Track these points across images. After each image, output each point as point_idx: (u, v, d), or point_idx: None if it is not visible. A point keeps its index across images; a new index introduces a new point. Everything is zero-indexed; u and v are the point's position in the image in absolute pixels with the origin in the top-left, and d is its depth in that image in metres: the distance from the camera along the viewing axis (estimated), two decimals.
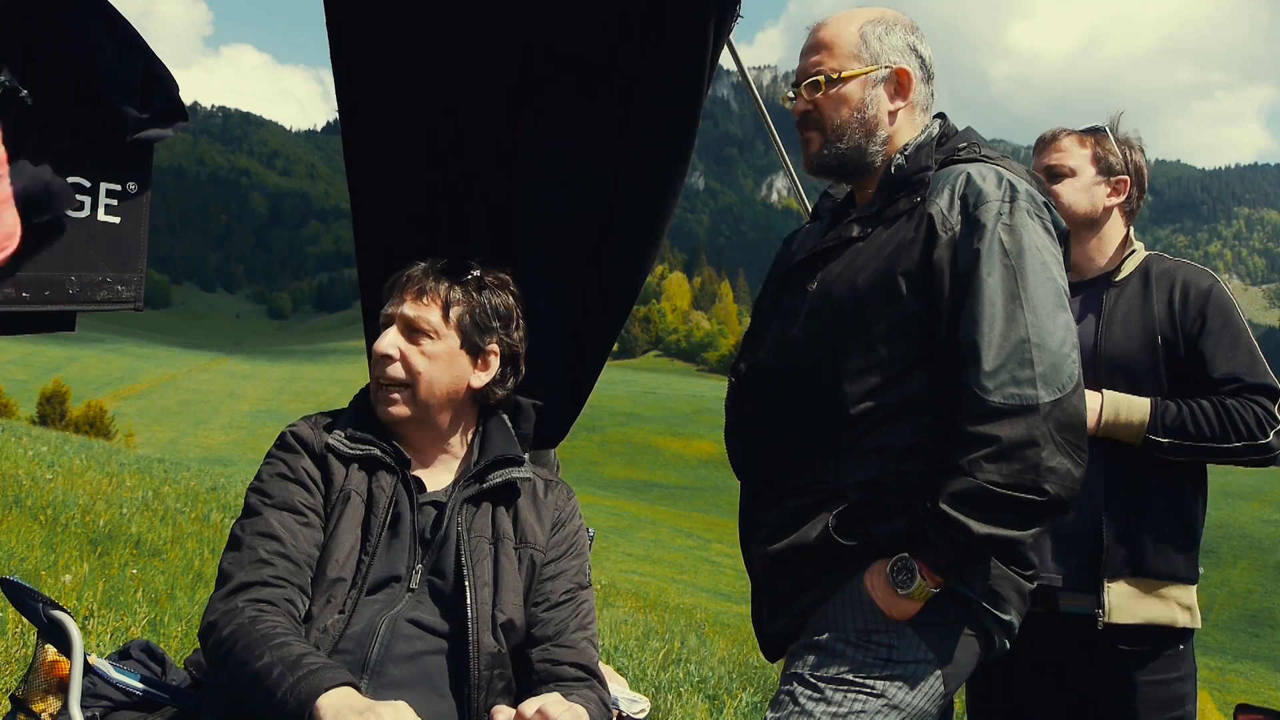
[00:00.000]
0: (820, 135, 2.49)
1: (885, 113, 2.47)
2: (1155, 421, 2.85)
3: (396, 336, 2.36)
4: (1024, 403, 2.14)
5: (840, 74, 2.44)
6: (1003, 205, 2.28)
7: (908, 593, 2.22)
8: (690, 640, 11.54)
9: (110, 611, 6.21)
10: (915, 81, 2.49)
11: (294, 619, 2.11)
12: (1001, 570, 2.29)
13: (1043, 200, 2.36)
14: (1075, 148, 3.14)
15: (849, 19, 2.50)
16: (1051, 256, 2.29)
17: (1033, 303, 2.20)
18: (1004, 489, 2.12)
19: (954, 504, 2.14)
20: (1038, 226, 2.30)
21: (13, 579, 2.24)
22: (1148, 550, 2.87)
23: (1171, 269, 3.07)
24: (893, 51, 2.48)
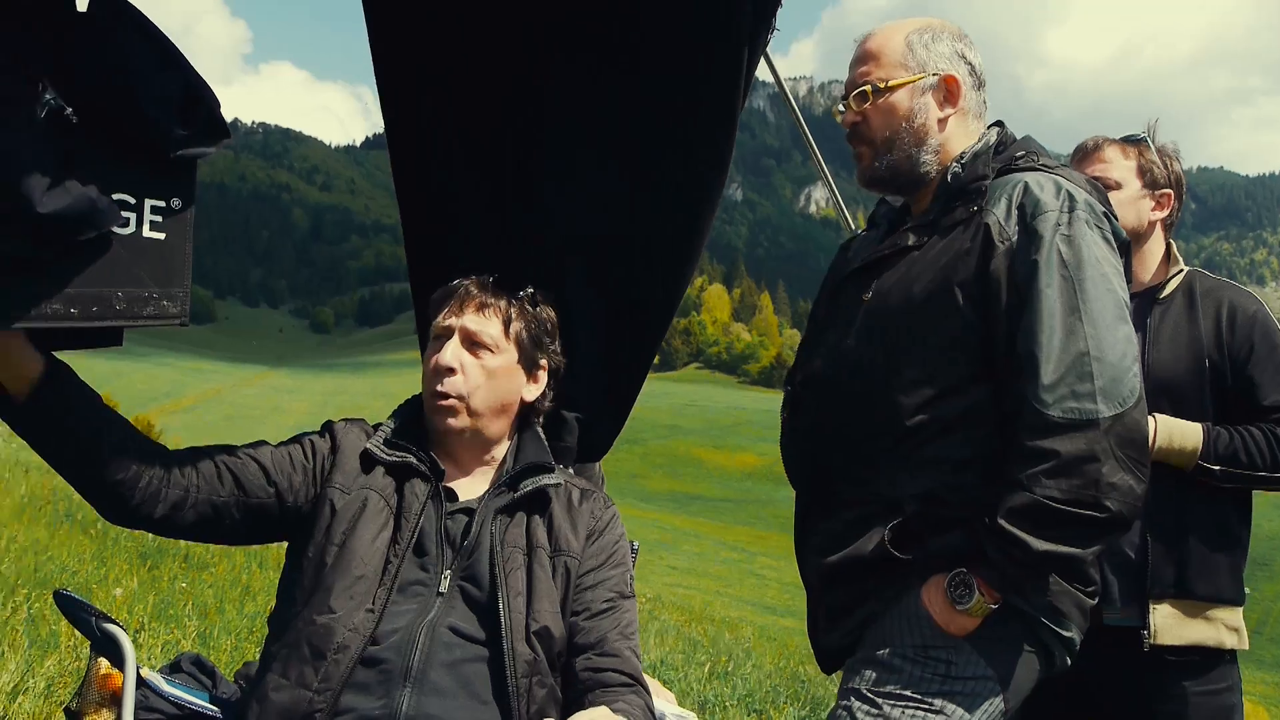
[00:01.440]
0: (870, 149, 2.49)
1: (935, 120, 2.46)
2: (1208, 449, 2.82)
3: (458, 349, 2.38)
4: (1084, 417, 2.11)
5: (887, 83, 2.43)
6: (1061, 215, 2.25)
7: (965, 608, 2.20)
8: (736, 654, 11.50)
9: (160, 624, 6.27)
10: (964, 88, 2.47)
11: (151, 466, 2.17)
12: (1062, 586, 2.25)
13: (1102, 210, 2.32)
14: (1120, 159, 3.09)
15: (895, 29, 2.49)
16: (1111, 268, 2.25)
17: (1092, 315, 2.17)
18: (1064, 505, 2.09)
19: (1013, 520, 2.11)
20: (1097, 237, 2.26)
21: (66, 592, 2.26)
22: (1193, 572, 2.85)
23: (1216, 289, 3.03)
24: (940, 59, 2.46)
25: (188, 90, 1.93)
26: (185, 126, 1.93)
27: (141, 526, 2.22)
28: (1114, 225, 2.34)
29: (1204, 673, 2.85)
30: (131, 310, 1.96)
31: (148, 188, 1.96)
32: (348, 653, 2.13)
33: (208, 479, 2.25)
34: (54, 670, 4.81)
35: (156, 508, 2.18)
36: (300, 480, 2.34)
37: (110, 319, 1.94)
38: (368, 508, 2.29)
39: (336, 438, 2.42)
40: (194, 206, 2.03)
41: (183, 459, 2.24)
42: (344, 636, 2.14)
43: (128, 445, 2.14)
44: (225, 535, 2.33)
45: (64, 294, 1.87)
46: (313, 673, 2.12)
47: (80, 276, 1.89)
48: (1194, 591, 2.83)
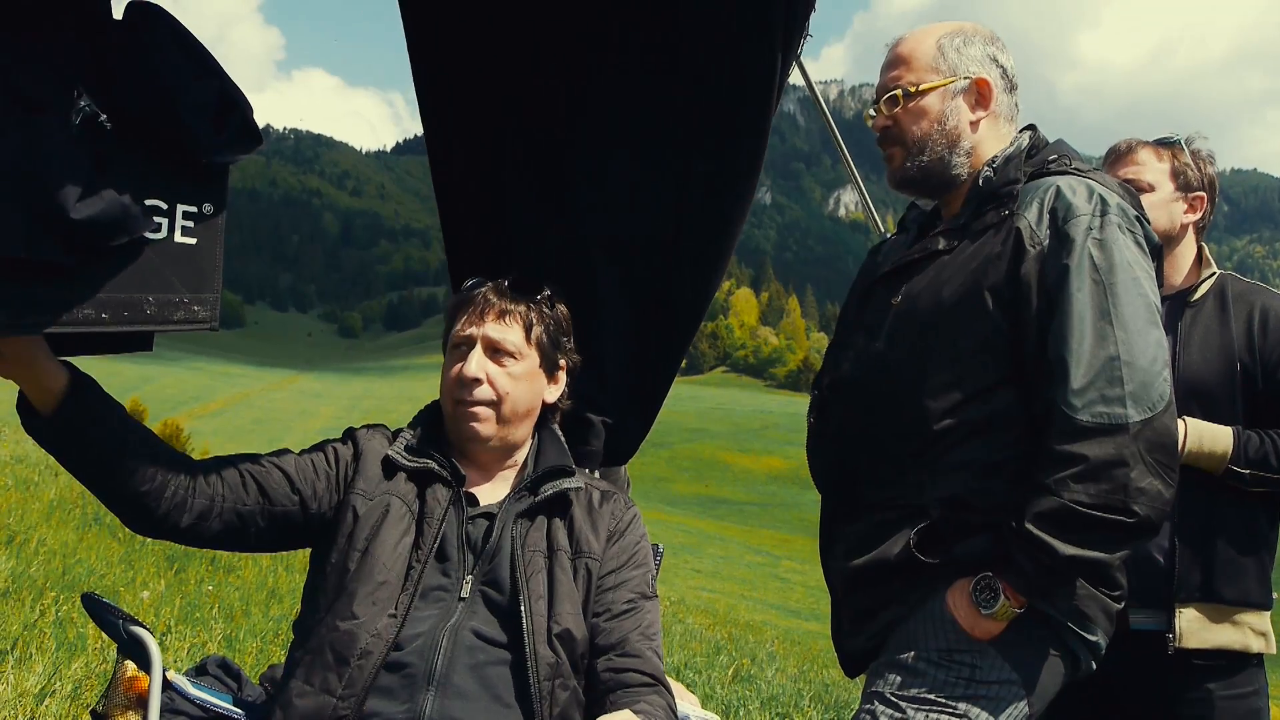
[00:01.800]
0: (902, 150, 2.48)
1: (967, 123, 2.45)
2: (1238, 452, 2.80)
3: (483, 359, 2.38)
4: (1113, 421, 2.10)
5: (918, 86, 2.43)
6: (1093, 220, 2.24)
7: (990, 613, 2.19)
8: (760, 657, 11.47)
9: (187, 627, 6.30)
10: (996, 91, 2.47)
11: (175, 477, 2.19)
12: (1088, 590, 2.24)
13: (1135, 215, 2.31)
14: (1153, 161, 3.07)
15: (927, 33, 2.49)
16: (1144, 272, 2.24)
17: (1123, 319, 2.16)
18: (1091, 509, 2.08)
19: (1040, 524, 2.11)
20: (1129, 241, 2.25)
21: (94, 595, 2.28)
22: (1220, 575, 2.83)
23: (1249, 292, 3.01)
24: (971, 62, 2.46)
25: (222, 97, 1.94)
26: (219, 133, 1.94)
27: (167, 536, 2.24)
28: (1146, 229, 2.32)
29: (1230, 676, 2.84)
30: (162, 315, 1.97)
31: (180, 193, 1.97)
32: (371, 658, 2.14)
33: (233, 488, 2.26)
34: (81, 673, 4.84)
35: (183, 517, 2.19)
36: (324, 487, 2.35)
37: (141, 324, 1.95)
38: (390, 514, 2.30)
39: (359, 444, 2.43)
40: (226, 212, 2.04)
41: (208, 468, 2.25)
42: (367, 642, 2.15)
43: (152, 456, 2.15)
44: (250, 543, 2.34)
45: (95, 299, 1.88)
46: (336, 679, 2.13)
47: (112, 281, 1.90)
48: (1221, 595, 2.82)
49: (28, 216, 1.75)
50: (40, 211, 1.76)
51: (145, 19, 1.92)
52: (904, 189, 2.55)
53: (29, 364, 1.99)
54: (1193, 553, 2.83)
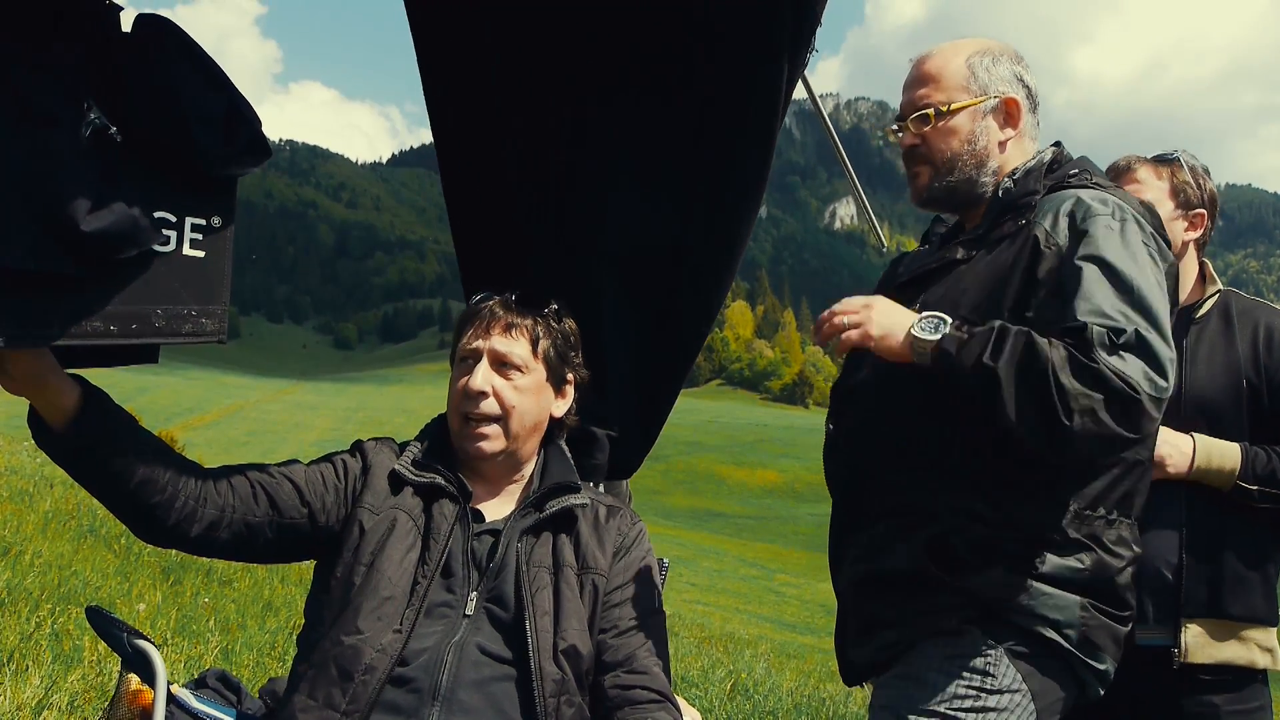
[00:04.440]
0: (930, 168, 2.48)
1: (995, 143, 2.46)
2: (1246, 469, 2.80)
3: (489, 372, 2.38)
4: (1128, 381, 2.03)
5: (949, 106, 2.43)
6: (1112, 221, 2.23)
7: (925, 334, 2.19)
8: (756, 671, 11.44)
9: (183, 639, 6.28)
10: (1023, 111, 2.47)
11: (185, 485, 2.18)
12: (1098, 620, 2.24)
13: (1152, 230, 2.30)
14: (1152, 179, 3.05)
15: (954, 51, 2.49)
16: (1157, 274, 2.21)
17: (1140, 305, 2.11)
18: (1063, 374, 2.03)
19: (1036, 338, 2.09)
20: (1148, 249, 2.23)
21: (98, 608, 2.27)
22: (1227, 591, 2.83)
23: (1253, 309, 3.01)
24: (1000, 81, 2.46)
25: (231, 110, 1.95)
26: (228, 145, 1.94)
27: (176, 546, 2.23)
28: (1162, 247, 2.31)
29: (1236, 692, 2.84)
30: (170, 328, 1.97)
31: (189, 206, 1.97)
32: (375, 674, 2.13)
33: (243, 499, 2.25)
34: (78, 685, 4.81)
35: (192, 528, 2.19)
36: (332, 500, 2.34)
37: (149, 336, 1.95)
38: (396, 528, 2.29)
39: (367, 457, 2.42)
40: (234, 225, 2.04)
41: (218, 479, 2.24)
42: (372, 658, 2.14)
43: (164, 467, 2.14)
44: (258, 554, 2.34)
45: (104, 311, 1.88)
46: (340, 694, 2.12)
47: (120, 294, 1.90)
48: (1228, 611, 2.82)
49: (38, 229, 1.75)
50: (50, 224, 1.76)
51: (154, 32, 1.92)
52: (928, 207, 2.56)
53: (41, 382, 1.99)
54: (1200, 568, 2.83)
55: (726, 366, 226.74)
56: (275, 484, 2.30)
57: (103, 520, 10.04)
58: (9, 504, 10.02)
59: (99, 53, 1.87)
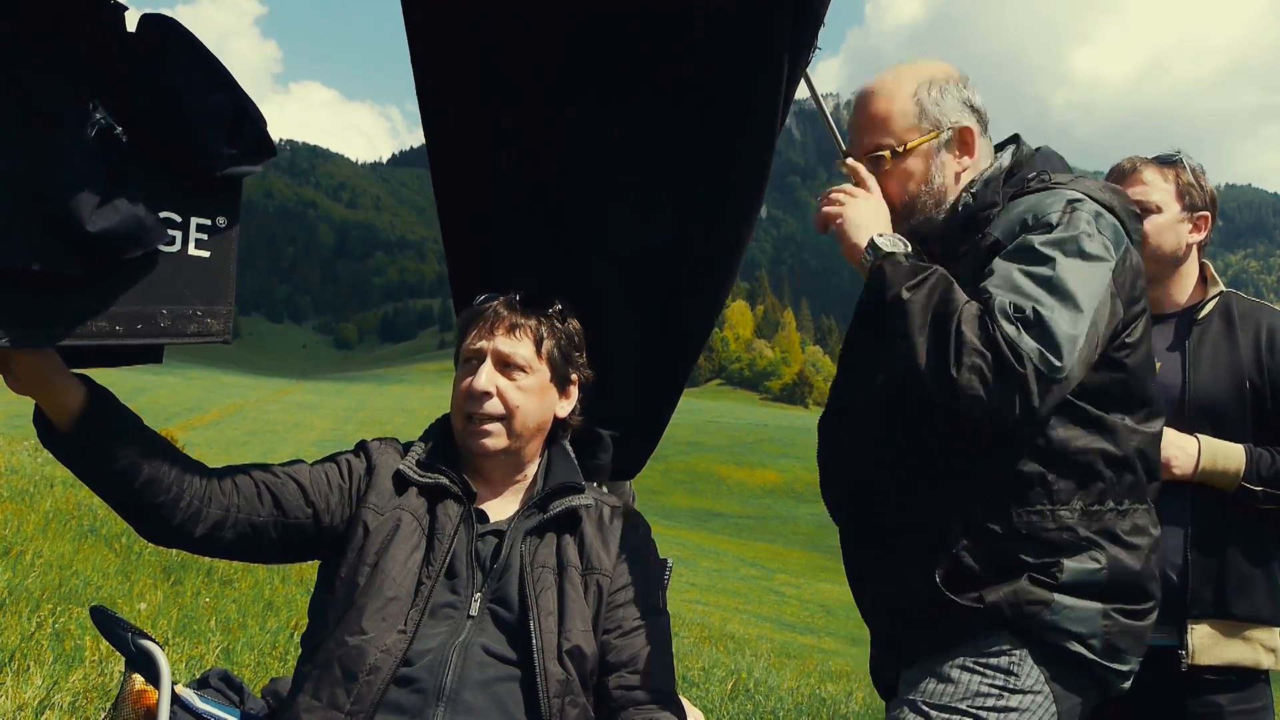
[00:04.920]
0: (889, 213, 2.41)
1: (952, 176, 2.40)
2: (1251, 470, 2.82)
3: (493, 373, 2.38)
4: (1018, 348, 2.03)
5: (904, 147, 2.37)
6: (1061, 216, 2.20)
7: (878, 245, 2.23)
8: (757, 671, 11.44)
9: (184, 639, 6.27)
10: (977, 136, 2.42)
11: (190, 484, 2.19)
12: (1120, 624, 2.24)
13: (1113, 220, 2.25)
14: (1159, 181, 3.04)
15: (900, 84, 2.42)
16: (1096, 264, 2.16)
17: (1056, 289, 2.09)
18: (961, 347, 2.05)
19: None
20: (1091, 242, 2.17)
21: (103, 608, 2.27)
22: (1232, 592, 2.84)
23: (1255, 311, 3.02)
24: (951, 112, 2.40)
25: (236, 110, 1.95)
26: (233, 145, 1.94)
27: (180, 546, 2.23)
28: (1117, 232, 2.25)
29: (1240, 692, 2.86)
30: (176, 328, 1.97)
31: (194, 206, 1.98)
32: (380, 674, 2.13)
33: (248, 499, 2.25)
34: (79, 686, 4.81)
35: (197, 528, 2.19)
36: (336, 500, 2.34)
37: (155, 336, 1.95)
38: (400, 529, 2.29)
39: (372, 458, 2.42)
40: (239, 225, 2.04)
41: (223, 478, 2.25)
42: (376, 658, 2.14)
43: (169, 467, 2.15)
44: (263, 554, 2.34)
45: (109, 311, 1.88)
46: (344, 694, 2.12)
47: (126, 294, 1.90)
48: (1232, 612, 2.83)
49: (43, 229, 1.75)
50: (55, 224, 1.76)
51: (160, 31, 1.92)
52: None
53: (46, 381, 1.99)
54: (1205, 569, 2.84)
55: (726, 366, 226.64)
56: (280, 484, 2.30)
57: (103, 520, 10.03)
58: (10, 504, 10.01)
59: (104, 53, 1.87)
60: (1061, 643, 2.21)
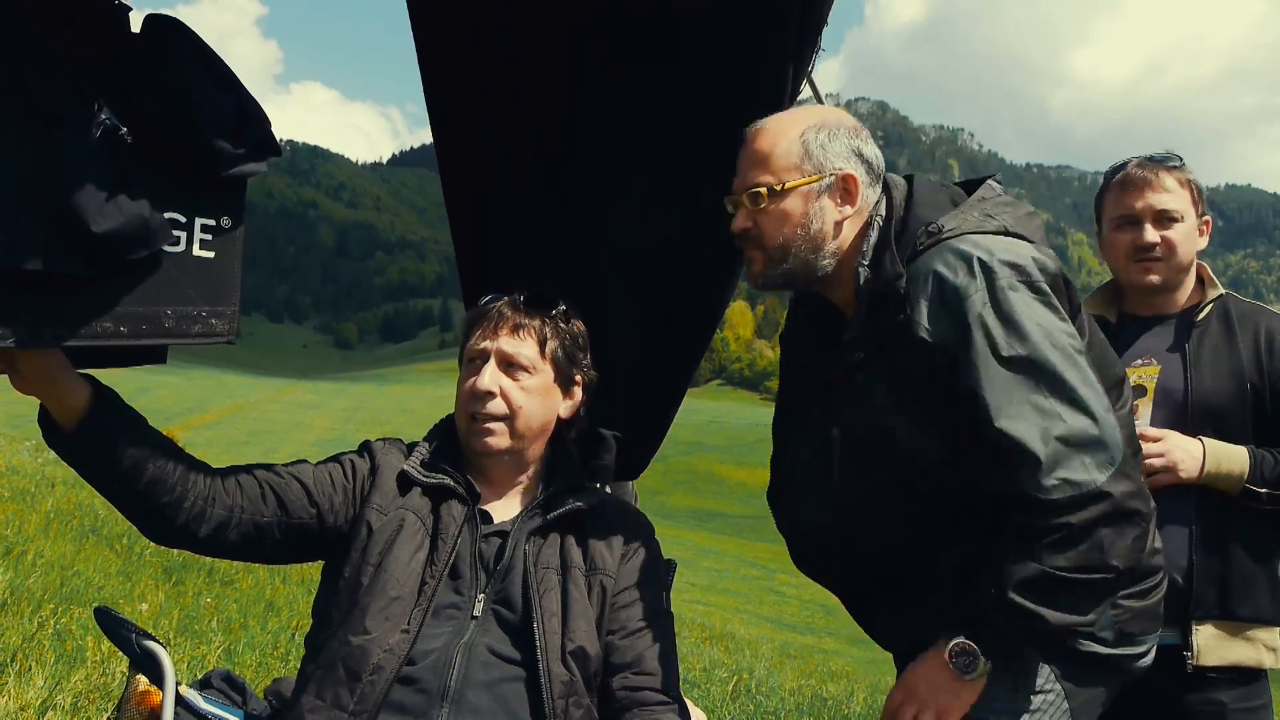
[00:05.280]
0: (763, 254, 2.33)
1: (831, 223, 2.30)
2: (1255, 472, 2.81)
3: (496, 373, 2.38)
4: (1083, 491, 2.02)
5: (782, 186, 2.28)
6: (982, 296, 2.11)
7: (973, 676, 2.13)
8: (758, 671, 11.43)
9: (186, 640, 6.27)
10: (862, 186, 2.32)
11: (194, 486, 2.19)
12: (1130, 610, 2.22)
13: (1025, 264, 2.15)
14: (1177, 188, 2.99)
15: (788, 126, 2.34)
16: (1049, 322, 2.12)
17: (1057, 386, 2.07)
18: (1073, 573, 2.03)
19: (1025, 593, 2.04)
20: (1024, 297, 2.12)
21: (107, 609, 2.27)
22: (1235, 593, 2.84)
23: (1252, 313, 3.01)
24: (836, 158, 2.30)
25: (240, 110, 1.95)
26: (237, 146, 1.94)
27: (184, 546, 2.23)
28: (1037, 274, 2.17)
29: (1242, 690, 2.86)
30: (180, 328, 1.97)
31: (199, 206, 1.98)
32: (383, 674, 2.13)
33: (252, 499, 2.25)
34: (81, 685, 4.80)
35: (201, 528, 2.19)
36: (340, 500, 2.34)
37: (159, 337, 1.95)
38: (404, 529, 2.29)
39: (375, 458, 2.42)
40: (243, 225, 2.04)
41: (226, 479, 2.24)
42: (379, 658, 2.14)
43: (173, 467, 2.15)
44: (266, 555, 2.34)
45: (114, 312, 1.88)
46: (348, 694, 2.12)
47: (130, 295, 1.90)
48: (1236, 613, 2.84)
49: (48, 230, 1.76)
50: (61, 225, 1.76)
51: (164, 32, 1.92)
52: (767, 290, 2.42)
53: (51, 380, 1.99)
54: (1210, 571, 2.83)
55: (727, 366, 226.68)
56: (283, 484, 2.30)
57: (105, 520, 10.04)
58: (10, 504, 10.00)
59: (109, 53, 1.87)
60: (1074, 645, 2.19)
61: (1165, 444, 2.81)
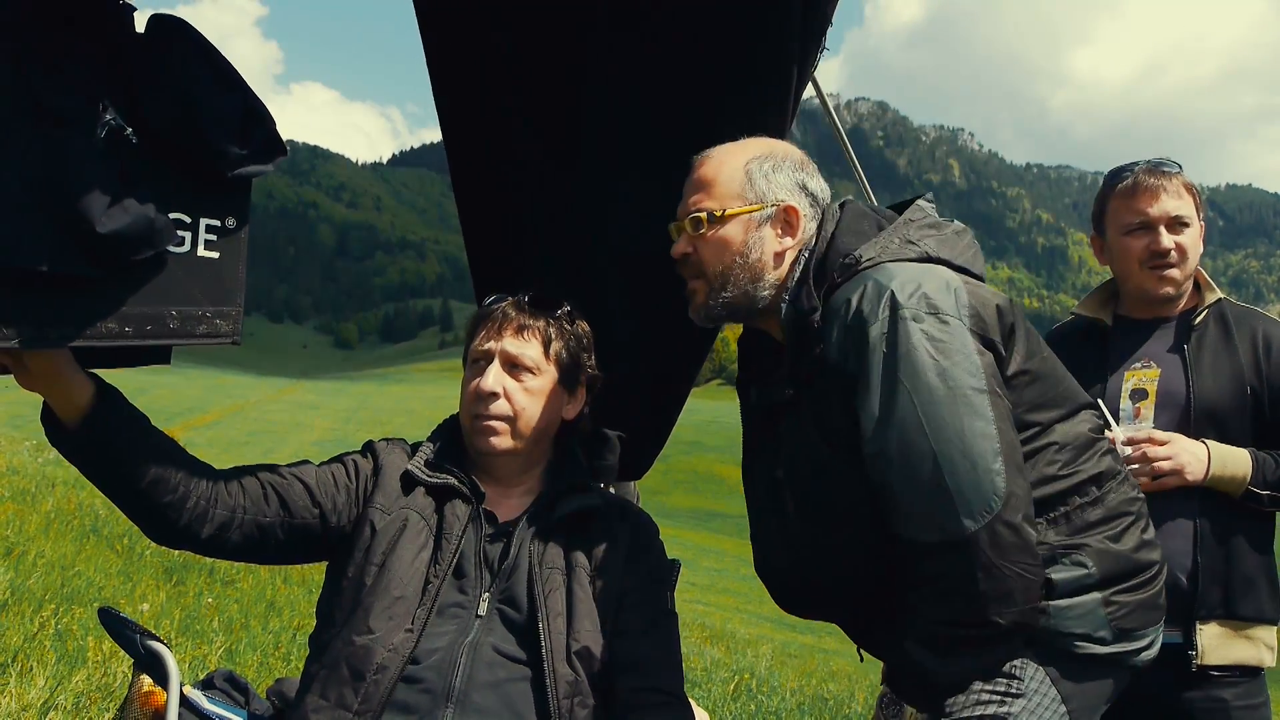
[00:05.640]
0: (704, 283, 2.32)
1: (771, 254, 2.28)
2: (1257, 474, 2.83)
3: (500, 374, 2.38)
4: (951, 539, 1.97)
5: (723, 212, 2.27)
6: (881, 327, 2.07)
7: None
8: (759, 671, 11.44)
9: (188, 640, 6.28)
10: (804, 220, 2.31)
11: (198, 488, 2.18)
12: (1126, 604, 2.16)
13: (928, 294, 2.09)
14: (1186, 194, 2.98)
15: (733, 154, 2.33)
16: (948, 359, 2.04)
17: (935, 427, 2.01)
18: (954, 626, 2.01)
19: (915, 645, 2.04)
20: (928, 330, 2.06)
21: (111, 609, 2.27)
22: (1238, 593, 2.86)
23: (1248, 316, 3.02)
24: (780, 189, 2.30)
25: (246, 110, 1.95)
26: (243, 146, 1.94)
27: (187, 547, 2.23)
28: (947, 305, 2.10)
29: (1243, 688, 2.87)
30: (185, 329, 1.97)
31: (204, 207, 1.97)
32: (387, 673, 2.13)
33: (254, 500, 2.25)
34: (82, 686, 4.81)
35: (203, 529, 2.18)
36: (343, 501, 2.34)
37: (164, 337, 1.95)
38: (408, 528, 2.29)
39: (379, 458, 2.42)
40: (248, 226, 2.04)
41: (229, 479, 2.24)
42: (383, 657, 2.14)
43: (175, 467, 2.14)
44: (269, 555, 2.34)
45: (119, 312, 1.88)
46: (352, 694, 2.12)
47: (135, 295, 1.90)
48: (1238, 612, 2.85)
49: (54, 230, 1.75)
50: (66, 225, 1.76)
51: (169, 32, 1.92)
52: (710, 323, 2.40)
53: (56, 377, 1.99)
54: (1213, 572, 2.85)
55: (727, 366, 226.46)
56: (286, 485, 2.30)
57: (105, 520, 10.04)
58: (11, 504, 10.01)
59: (114, 53, 1.87)
60: (1069, 647, 2.14)
61: (1173, 447, 2.82)
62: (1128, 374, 2.98)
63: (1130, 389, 2.98)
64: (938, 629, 2.02)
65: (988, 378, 2.06)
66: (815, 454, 2.19)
